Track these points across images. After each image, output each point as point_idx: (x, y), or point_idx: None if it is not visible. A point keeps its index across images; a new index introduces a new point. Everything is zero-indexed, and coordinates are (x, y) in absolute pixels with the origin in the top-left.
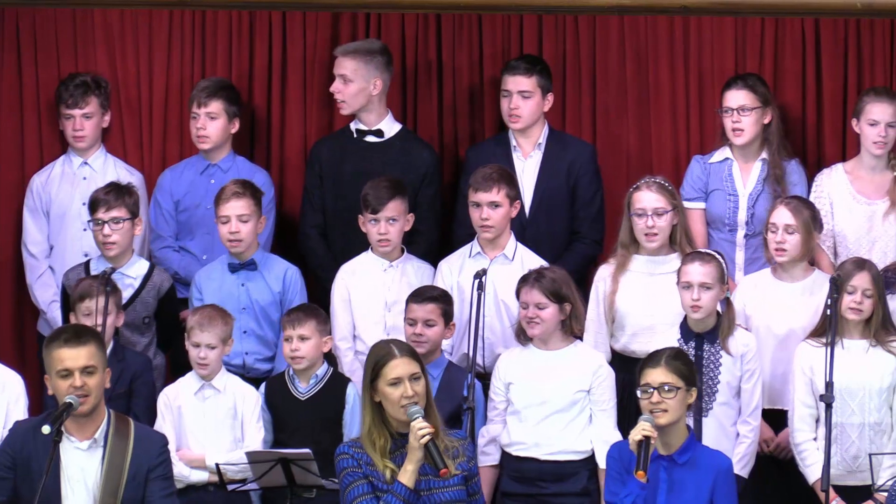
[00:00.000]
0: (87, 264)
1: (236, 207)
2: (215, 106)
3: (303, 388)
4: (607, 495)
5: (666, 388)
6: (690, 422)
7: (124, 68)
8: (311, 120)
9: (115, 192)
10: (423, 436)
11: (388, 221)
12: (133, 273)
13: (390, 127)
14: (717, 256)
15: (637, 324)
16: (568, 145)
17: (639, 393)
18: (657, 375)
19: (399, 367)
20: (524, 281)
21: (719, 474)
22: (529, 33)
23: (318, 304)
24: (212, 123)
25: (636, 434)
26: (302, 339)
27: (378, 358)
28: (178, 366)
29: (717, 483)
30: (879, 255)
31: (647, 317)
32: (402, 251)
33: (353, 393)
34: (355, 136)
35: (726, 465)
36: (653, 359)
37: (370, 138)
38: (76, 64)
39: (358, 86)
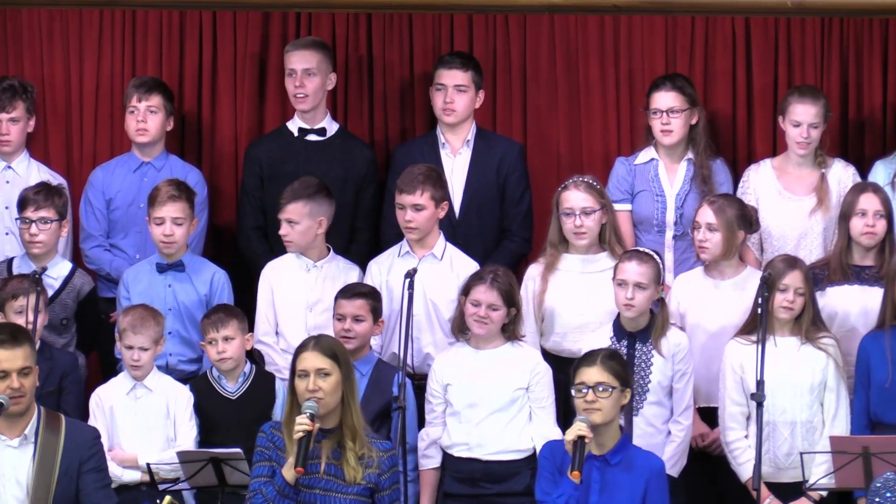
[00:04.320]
0: (9, 263)
1: (172, 210)
2: (155, 100)
3: (232, 388)
4: (539, 494)
5: (601, 387)
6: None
7: (52, 68)
8: (241, 120)
9: (45, 193)
10: (297, 431)
11: (288, 223)
12: (55, 274)
13: (331, 125)
14: (655, 256)
15: (567, 323)
16: (496, 143)
17: (573, 392)
18: (592, 374)
19: (308, 359)
20: (480, 279)
21: (652, 475)
22: (460, 32)
23: (253, 302)
24: (152, 117)
25: (571, 434)
26: (227, 339)
27: (298, 348)
28: (110, 367)
29: (650, 484)
30: (805, 252)
31: (576, 315)
32: (329, 250)
33: (283, 387)
34: (296, 134)
35: (658, 466)
36: (588, 358)
37: (312, 137)
38: (7, 66)
39: (321, 80)
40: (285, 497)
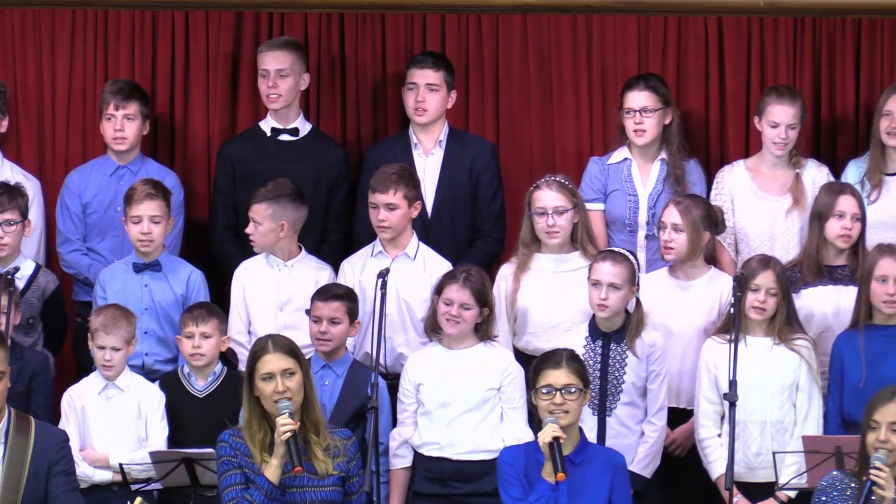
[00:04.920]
0: None
1: (149, 208)
2: (133, 107)
3: (200, 386)
4: (508, 500)
5: (569, 389)
6: (591, 422)
7: (24, 69)
8: (214, 120)
9: (9, 195)
10: (284, 432)
11: (253, 222)
12: (18, 273)
13: (304, 125)
14: (630, 257)
15: (539, 322)
16: (468, 143)
17: (538, 394)
18: (560, 377)
19: (271, 362)
20: (452, 278)
21: (616, 472)
22: (432, 32)
23: (226, 302)
24: (129, 125)
25: (547, 437)
26: (204, 336)
27: (254, 352)
28: (86, 370)
29: (615, 481)
30: (781, 253)
31: (548, 315)
32: (300, 250)
33: None
34: (269, 134)
35: (621, 462)
36: (551, 360)
37: (284, 137)
38: None
39: (294, 80)
40: (273, 500)
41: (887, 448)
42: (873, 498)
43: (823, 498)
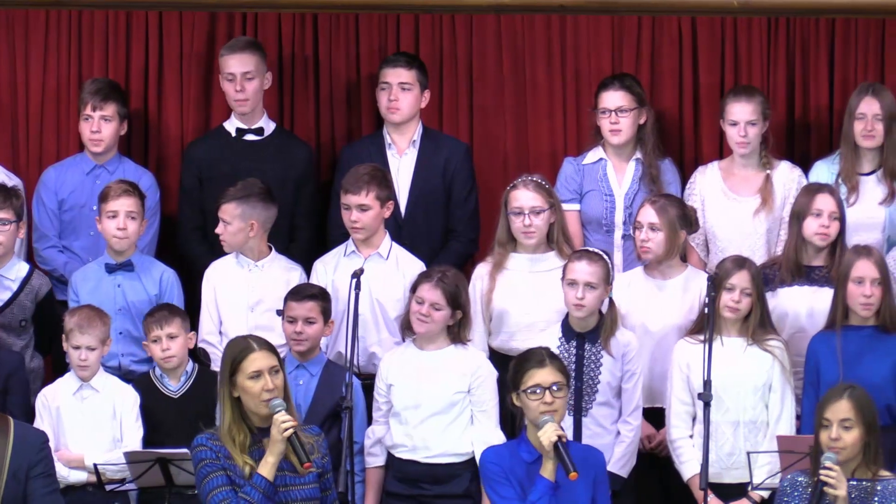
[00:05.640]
0: None
1: (126, 204)
2: (110, 109)
3: (174, 387)
4: (499, 500)
5: (555, 387)
6: (567, 422)
7: None
8: (187, 120)
9: (4, 195)
10: (286, 429)
11: (223, 222)
12: (12, 275)
13: (268, 125)
14: (605, 257)
15: (515, 322)
16: (442, 144)
17: (525, 394)
18: (547, 375)
19: (258, 360)
20: (427, 277)
21: (598, 469)
22: (406, 32)
23: (197, 302)
24: (106, 126)
25: (552, 436)
26: (171, 337)
27: (236, 353)
28: (62, 367)
29: (597, 478)
30: (748, 253)
31: (524, 315)
32: (270, 250)
33: None
34: (234, 135)
35: (601, 459)
36: (533, 359)
37: (249, 137)
38: None
39: (259, 81)
40: (269, 498)
41: (839, 446)
42: (827, 500)
43: (786, 499)
